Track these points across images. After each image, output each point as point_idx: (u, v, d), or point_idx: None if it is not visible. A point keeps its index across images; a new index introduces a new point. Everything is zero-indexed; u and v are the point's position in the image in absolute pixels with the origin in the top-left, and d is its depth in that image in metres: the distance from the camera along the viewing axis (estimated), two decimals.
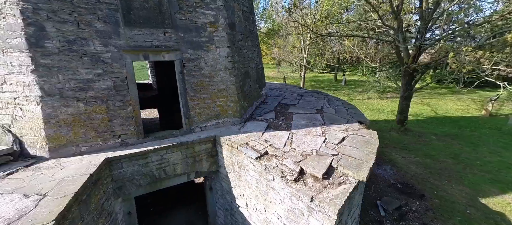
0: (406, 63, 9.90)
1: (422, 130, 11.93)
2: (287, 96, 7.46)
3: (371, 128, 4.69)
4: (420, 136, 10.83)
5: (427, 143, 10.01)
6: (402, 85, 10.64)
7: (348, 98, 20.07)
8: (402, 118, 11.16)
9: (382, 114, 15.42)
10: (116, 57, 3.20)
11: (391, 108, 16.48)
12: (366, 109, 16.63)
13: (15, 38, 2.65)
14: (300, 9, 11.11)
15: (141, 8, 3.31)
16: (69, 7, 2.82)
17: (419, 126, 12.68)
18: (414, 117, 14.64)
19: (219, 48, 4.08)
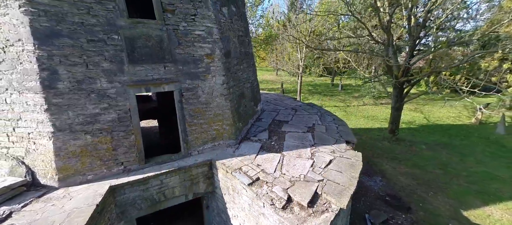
0: (396, 76, 10.33)
1: (414, 138, 12.34)
2: (282, 111, 7.79)
3: (363, 137, 5.01)
4: (411, 145, 11.23)
5: (417, 153, 10.39)
6: (393, 97, 11.06)
7: (344, 104, 20.53)
8: (393, 128, 11.56)
9: (376, 121, 15.83)
10: (120, 92, 3.49)
11: (384, 116, 16.91)
12: (361, 116, 17.05)
13: (30, 81, 2.94)
14: (293, 25, 11.58)
15: (144, 47, 3.62)
16: (79, 51, 3.13)
17: (411, 134, 13.10)
18: (406, 125, 15.08)
19: (215, 77, 4.40)
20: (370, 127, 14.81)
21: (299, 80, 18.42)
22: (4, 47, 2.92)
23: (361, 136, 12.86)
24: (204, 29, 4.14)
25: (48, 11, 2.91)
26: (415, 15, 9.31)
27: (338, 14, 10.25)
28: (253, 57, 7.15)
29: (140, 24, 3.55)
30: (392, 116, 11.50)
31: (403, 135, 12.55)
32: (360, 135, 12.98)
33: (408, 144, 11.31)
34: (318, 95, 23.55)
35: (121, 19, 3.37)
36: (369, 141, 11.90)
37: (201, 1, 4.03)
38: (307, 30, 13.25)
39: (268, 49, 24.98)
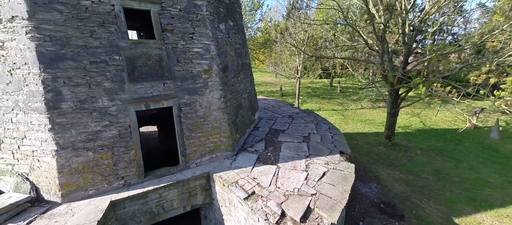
0: (391, 83, 10.55)
1: (409, 144, 12.54)
2: (279, 120, 7.96)
3: (360, 142, 5.15)
4: (406, 150, 11.42)
5: (412, 159, 10.58)
6: (389, 103, 11.27)
7: (342, 108, 20.74)
8: (389, 134, 11.75)
9: (373, 125, 16.03)
10: (121, 109, 3.64)
11: (381, 120, 17.12)
12: (358, 120, 17.25)
13: (36, 102, 3.08)
14: (290, 34, 11.82)
15: (144, 66, 3.77)
16: (82, 72, 3.27)
17: (406, 139, 13.30)
18: (403, 129, 15.29)
19: (213, 91, 4.56)
20: (367, 131, 15.01)
21: (298, 84, 18.61)
22: (11, 70, 3.07)
23: (358, 141, 13.05)
24: (202, 46, 4.30)
25: (54, 36, 3.06)
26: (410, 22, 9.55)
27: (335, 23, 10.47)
28: (250, 67, 7.32)
29: (140, 44, 3.70)
30: (388, 122, 11.70)
31: (399, 140, 12.75)
32: (357, 140, 13.17)
33: (404, 149, 11.50)
34: (316, 98, 23.76)
35: (122, 40, 3.53)
36: (366, 146, 12.08)
37: (199, 20, 4.20)
38: (304, 38, 13.49)
39: (266, 52, 25.21)
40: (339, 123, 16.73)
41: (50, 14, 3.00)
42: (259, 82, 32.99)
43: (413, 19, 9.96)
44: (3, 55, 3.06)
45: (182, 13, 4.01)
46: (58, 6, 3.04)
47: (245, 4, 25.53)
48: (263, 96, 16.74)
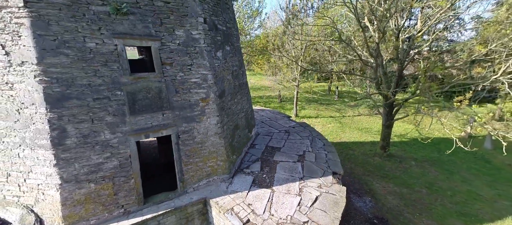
0: (385, 96, 10.82)
1: (404, 154, 12.78)
2: (275, 135, 8.16)
3: (356, 152, 5.31)
4: (401, 161, 11.65)
5: (406, 170, 10.81)
6: (384, 115, 11.53)
7: (339, 114, 20.98)
8: (384, 145, 11.99)
9: (369, 134, 16.27)
10: (122, 141, 3.83)
11: (378, 128, 17.37)
12: (355, 128, 17.49)
13: (42, 139, 3.27)
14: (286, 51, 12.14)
15: (144, 99, 3.98)
16: (86, 109, 3.47)
17: (402, 149, 13.54)
18: (398, 138, 15.54)
19: (210, 118, 4.77)
20: (363, 140, 15.24)
21: (296, 92, 18.88)
22: (19, 109, 3.26)
23: (354, 151, 13.27)
24: (199, 76, 4.52)
25: (60, 78, 3.26)
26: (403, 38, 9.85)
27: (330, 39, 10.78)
28: (247, 86, 7.54)
29: (141, 79, 3.91)
30: (383, 133, 11.94)
31: (394, 150, 12.99)
32: (353, 150, 13.40)
33: (398, 160, 11.73)
34: (314, 104, 24.00)
35: (124, 76, 3.74)
36: (361, 156, 12.30)
37: (197, 52, 4.42)
38: (302, 47, 13.80)
39: (264, 59, 25.52)
40: (336, 131, 16.98)
41: (57, 58, 3.21)
42: (258, 86, 33.15)
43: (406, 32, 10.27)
44: (12, 95, 3.25)
45: (181, 47, 4.24)
46: (65, 50, 3.25)
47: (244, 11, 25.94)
48: (261, 106, 16.96)
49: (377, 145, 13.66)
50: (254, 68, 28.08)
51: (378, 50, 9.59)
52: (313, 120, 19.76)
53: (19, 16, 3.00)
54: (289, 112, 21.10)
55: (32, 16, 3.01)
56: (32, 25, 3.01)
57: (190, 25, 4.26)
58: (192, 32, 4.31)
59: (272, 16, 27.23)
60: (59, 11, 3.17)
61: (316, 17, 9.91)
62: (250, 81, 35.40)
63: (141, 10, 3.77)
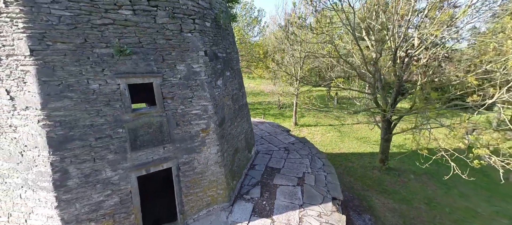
0: (383, 110, 10.94)
1: (403, 166, 12.84)
2: (275, 153, 8.20)
3: (355, 164, 5.31)
4: (400, 175, 11.71)
5: (405, 184, 10.86)
6: (382, 129, 11.62)
7: (338, 122, 21.08)
8: (383, 158, 12.06)
9: (368, 144, 16.35)
10: (123, 177, 3.87)
11: (377, 137, 17.46)
12: (354, 138, 17.58)
13: (44, 182, 3.31)
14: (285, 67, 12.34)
15: (146, 134, 4.03)
16: (88, 149, 3.52)
17: (400, 161, 13.61)
18: (397, 149, 15.62)
19: (210, 148, 4.82)
20: (363, 151, 15.31)
21: (295, 101, 18.99)
22: (22, 151, 3.30)
23: (353, 163, 13.32)
24: (200, 108, 4.59)
25: (63, 121, 3.32)
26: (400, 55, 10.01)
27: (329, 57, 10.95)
28: (247, 106, 7.62)
29: (142, 115, 3.98)
30: (382, 146, 12.02)
31: (393, 162, 13.04)
32: (352, 162, 13.45)
33: (397, 174, 11.78)
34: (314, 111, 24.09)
35: (126, 114, 3.80)
36: (360, 170, 12.34)
37: (198, 84, 4.50)
38: (301, 57, 14.01)
39: (264, 66, 25.74)
40: (335, 141, 17.06)
41: (61, 102, 3.27)
42: (257, 91, 33.16)
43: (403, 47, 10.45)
44: (15, 138, 3.30)
45: (182, 81, 4.32)
46: (69, 93, 3.32)
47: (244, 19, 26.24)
48: (260, 118, 16.97)
49: (375, 156, 13.73)
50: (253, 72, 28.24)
51: (376, 67, 9.74)
52: (313, 129, 19.86)
53: (25, 64, 3.07)
54: (288, 120, 21.21)
55: (37, 64, 3.08)
56: (37, 73, 3.09)
57: (191, 59, 4.35)
58: (193, 66, 4.40)
59: (272, 25, 27.68)
60: (64, 57, 3.25)
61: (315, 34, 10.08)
62: (249, 85, 35.55)
63: (144, 49, 3.86)
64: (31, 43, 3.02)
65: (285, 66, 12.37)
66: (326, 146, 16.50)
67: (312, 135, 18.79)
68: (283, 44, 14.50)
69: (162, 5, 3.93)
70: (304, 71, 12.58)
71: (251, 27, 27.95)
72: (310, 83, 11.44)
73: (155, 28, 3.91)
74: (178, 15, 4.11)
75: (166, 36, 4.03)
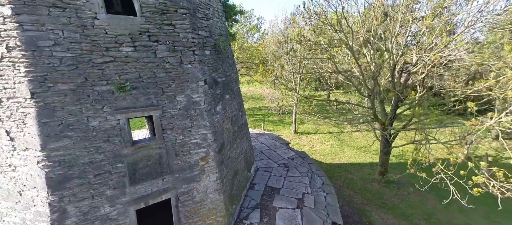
0: (382, 123, 10.98)
1: (402, 178, 12.84)
2: (274, 171, 8.20)
3: (354, 176, 5.27)
4: (399, 188, 11.70)
5: (405, 198, 10.84)
6: (381, 142, 11.65)
7: (338, 130, 21.10)
8: (382, 170, 12.06)
9: (368, 154, 16.35)
10: (121, 212, 3.86)
11: (376, 146, 17.46)
12: (353, 147, 17.59)
13: (41, 222, 3.30)
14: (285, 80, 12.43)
15: (144, 167, 4.04)
16: (87, 187, 3.52)
17: (400, 172, 13.58)
18: (397, 159, 15.63)
19: (209, 176, 4.82)
20: (362, 161, 15.31)
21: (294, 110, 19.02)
22: (21, 191, 3.30)
23: (353, 174, 13.30)
24: (199, 136, 4.61)
25: (62, 160, 3.33)
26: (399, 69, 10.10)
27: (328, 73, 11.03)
28: (246, 125, 7.64)
29: (142, 148, 3.99)
30: (381, 159, 12.03)
31: (393, 174, 13.04)
32: (352, 174, 13.43)
33: (397, 187, 11.77)
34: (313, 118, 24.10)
35: (126, 148, 3.81)
36: (360, 182, 12.33)
37: (197, 114, 4.53)
38: (300, 66, 14.12)
39: (262, 73, 25.86)
40: (335, 150, 17.05)
41: (60, 142, 3.28)
42: (257, 94, 33.10)
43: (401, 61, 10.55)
44: (14, 177, 3.30)
45: (182, 111, 4.34)
46: (68, 133, 3.33)
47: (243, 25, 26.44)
48: (259, 130, 16.95)
49: (375, 167, 13.71)
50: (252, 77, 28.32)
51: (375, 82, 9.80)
52: (312, 137, 19.86)
53: (25, 106, 3.09)
54: (288, 127, 21.21)
55: (38, 106, 3.10)
56: (37, 115, 3.11)
57: (191, 90, 4.38)
58: (193, 96, 4.43)
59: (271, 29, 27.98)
60: (64, 97, 3.27)
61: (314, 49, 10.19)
62: (249, 89, 35.56)
63: (144, 83, 3.89)
64: (32, 86, 3.04)
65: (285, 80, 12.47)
66: (326, 156, 16.50)
67: (312, 144, 18.79)
68: (282, 57, 14.65)
69: (163, 40, 3.98)
70: (304, 82, 12.68)
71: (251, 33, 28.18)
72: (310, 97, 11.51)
73: (155, 62, 3.95)
74: (178, 48, 4.16)
75: (166, 69, 4.07)
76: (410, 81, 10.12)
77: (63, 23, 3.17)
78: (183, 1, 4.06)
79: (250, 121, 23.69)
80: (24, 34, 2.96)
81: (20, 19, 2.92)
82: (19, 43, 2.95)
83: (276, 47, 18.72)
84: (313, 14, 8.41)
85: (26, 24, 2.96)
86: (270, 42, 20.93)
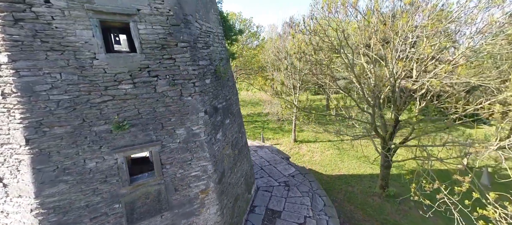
0: (383, 138, 10.95)
1: (403, 192, 12.75)
2: (275, 190, 8.08)
3: (355, 189, 5.09)
4: (400, 203, 11.60)
5: (406, 214, 10.74)
6: (382, 156, 11.61)
7: (338, 138, 21.02)
8: (383, 184, 11.99)
9: (368, 164, 16.27)
10: None
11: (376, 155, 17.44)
12: (353, 157, 17.53)
13: None
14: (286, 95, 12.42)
15: (143, 205, 3.93)
16: None
17: (400, 184, 13.53)
18: (397, 170, 15.57)
19: (209, 208, 4.71)
20: (362, 172, 15.23)
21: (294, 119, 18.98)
22: None
23: (353, 187, 13.20)
24: (199, 169, 4.51)
25: (57, 206, 3.21)
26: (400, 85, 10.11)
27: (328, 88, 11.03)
28: (247, 146, 7.55)
29: (140, 186, 3.88)
30: (382, 173, 11.97)
31: (393, 187, 12.96)
32: (352, 186, 13.32)
33: (398, 201, 11.68)
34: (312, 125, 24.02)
35: (123, 188, 3.70)
36: (361, 196, 12.22)
37: (197, 146, 4.44)
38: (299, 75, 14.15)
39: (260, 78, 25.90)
40: (335, 160, 16.97)
41: (56, 187, 3.18)
42: (256, 99, 32.94)
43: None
44: (6, 224, 3.17)
45: (181, 145, 4.25)
46: (64, 177, 3.23)
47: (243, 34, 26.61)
48: (258, 142, 16.82)
49: (375, 179, 13.62)
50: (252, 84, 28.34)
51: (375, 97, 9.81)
52: (312, 146, 19.77)
53: (20, 153, 2.99)
54: (287, 135, 21.10)
55: (33, 153, 3.00)
56: (32, 162, 3.00)
57: (190, 122, 4.31)
58: (193, 128, 4.35)
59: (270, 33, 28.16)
60: (60, 141, 3.18)
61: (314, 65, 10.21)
62: (248, 94, 35.47)
63: (143, 119, 3.81)
64: (28, 133, 2.95)
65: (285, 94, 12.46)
66: (326, 167, 16.40)
67: (312, 153, 18.70)
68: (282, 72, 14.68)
69: (162, 74, 3.92)
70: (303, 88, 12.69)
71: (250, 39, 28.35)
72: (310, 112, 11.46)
73: (155, 97, 3.88)
74: (178, 81, 4.09)
75: (165, 103, 4.00)
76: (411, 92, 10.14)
77: (61, 66, 3.10)
78: (183, 35, 4.02)
79: (250, 129, 23.54)
80: (20, 80, 2.88)
81: (17, 66, 2.84)
82: (15, 90, 2.87)
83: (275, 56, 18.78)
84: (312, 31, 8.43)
85: (23, 70, 2.88)
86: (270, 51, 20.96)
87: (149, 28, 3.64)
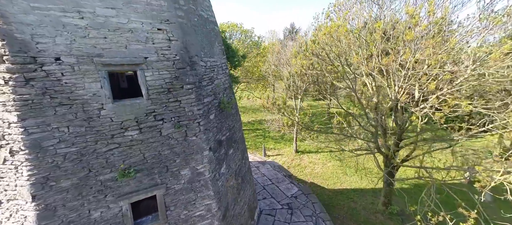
0: (385, 155, 10.91)
1: (406, 209, 12.62)
2: (278, 214, 8.01)
3: (357, 205, 4.89)
4: (403, 220, 11.48)
5: None
6: (385, 174, 11.54)
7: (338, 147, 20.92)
8: (386, 201, 11.88)
9: (370, 178, 16.17)
10: None
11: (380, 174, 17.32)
12: (355, 170, 17.43)
13: None
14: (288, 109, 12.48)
15: None
16: None
17: (402, 200, 13.38)
18: (399, 184, 15.44)
19: None
20: (364, 187, 15.10)
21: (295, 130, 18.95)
22: None
23: (356, 203, 13.08)
24: (203, 208, 4.48)
25: None
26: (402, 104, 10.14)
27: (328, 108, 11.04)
28: (249, 171, 7.52)
29: None
30: (384, 190, 11.88)
31: (396, 204, 12.83)
32: (355, 201, 13.20)
33: (400, 219, 11.55)
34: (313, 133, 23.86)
35: None
36: (363, 212, 12.10)
37: (202, 185, 4.42)
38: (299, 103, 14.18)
39: (261, 87, 25.99)
40: (337, 172, 16.86)
41: None
42: (257, 105, 32.83)
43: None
44: None
45: (186, 185, 4.24)
46: None
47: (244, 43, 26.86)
48: (260, 157, 16.73)
49: (378, 194, 13.50)
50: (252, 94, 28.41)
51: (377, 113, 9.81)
52: (313, 157, 19.67)
53: (25, 209, 2.98)
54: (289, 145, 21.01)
55: (39, 209, 2.99)
56: (37, 218, 2.99)
57: (195, 162, 4.30)
58: (198, 168, 4.34)
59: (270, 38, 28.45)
60: (66, 194, 3.17)
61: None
62: (249, 100, 35.47)
63: (148, 164, 3.81)
64: (34, 190, 2.95)
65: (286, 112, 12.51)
66: (328, 180, 16.28)
67: (313, 165, 18.60)
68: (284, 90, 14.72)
69: (168, 117, 3.93)
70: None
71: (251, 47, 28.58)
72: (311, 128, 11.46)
73: (160, 141, 3.89)
74: (183, 122, 4.11)
75: (171, 145, 4.01)
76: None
77: (69, 120, 3.12)
78: (189, 77, 4.05)
79: (251, 138, 23.47)
80: (28, 138, 2.89)
81: (26, 124, 2.86)
82: (23, 148, 2.88)
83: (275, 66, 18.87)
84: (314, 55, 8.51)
85: (32, 128, 2.90)
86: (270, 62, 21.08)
87: (156, 74, 3.67)
